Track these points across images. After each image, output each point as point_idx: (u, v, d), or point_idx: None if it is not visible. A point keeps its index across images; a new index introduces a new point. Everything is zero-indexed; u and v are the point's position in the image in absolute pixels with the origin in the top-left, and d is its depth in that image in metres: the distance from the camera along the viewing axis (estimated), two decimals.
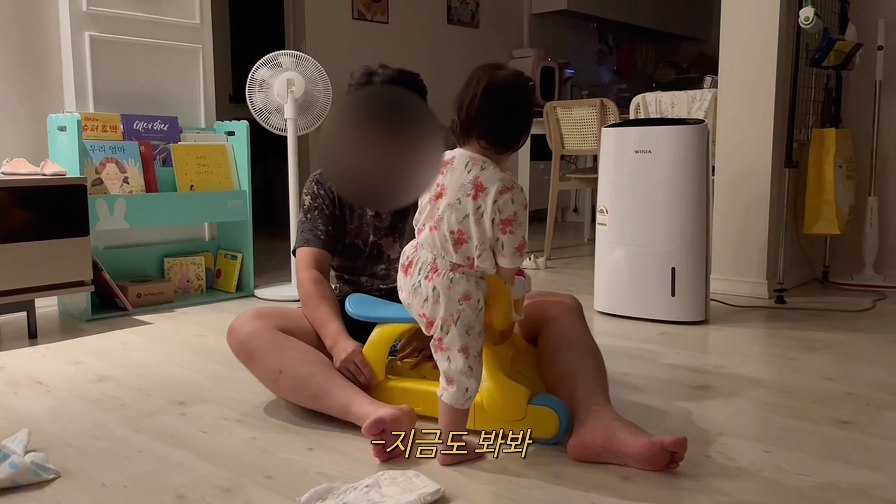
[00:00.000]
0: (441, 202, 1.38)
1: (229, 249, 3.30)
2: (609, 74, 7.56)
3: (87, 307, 2.75)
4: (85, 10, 2.93)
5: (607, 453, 1.41)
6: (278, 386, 1.69)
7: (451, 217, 1.36)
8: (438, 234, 1.38)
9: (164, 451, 1.53)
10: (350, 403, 1.57)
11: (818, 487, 1.34)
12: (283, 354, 1.65)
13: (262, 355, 1.67)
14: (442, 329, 1.38)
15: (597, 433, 1.42)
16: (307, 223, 1.89)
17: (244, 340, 1.69)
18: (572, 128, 4.06)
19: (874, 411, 1.74)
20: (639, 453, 1.37)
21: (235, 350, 1.72)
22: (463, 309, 1.36)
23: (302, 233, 1.89)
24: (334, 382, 1.61)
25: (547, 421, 1.51)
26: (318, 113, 3.26)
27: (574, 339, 1.64)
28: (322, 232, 1.87)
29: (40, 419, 1.73)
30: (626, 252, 2.68)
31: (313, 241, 1.86)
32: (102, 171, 2.83)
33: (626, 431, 1.41)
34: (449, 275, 1.37)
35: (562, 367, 1.59)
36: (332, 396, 1.60)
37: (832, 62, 3.11)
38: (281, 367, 1.65)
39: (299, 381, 1.63)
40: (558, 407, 1.52)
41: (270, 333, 1.68)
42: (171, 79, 3.22)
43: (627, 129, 2.69)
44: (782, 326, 2.61)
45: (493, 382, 1.53)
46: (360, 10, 5.28)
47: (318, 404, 1.63)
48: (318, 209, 1.89)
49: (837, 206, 3.12)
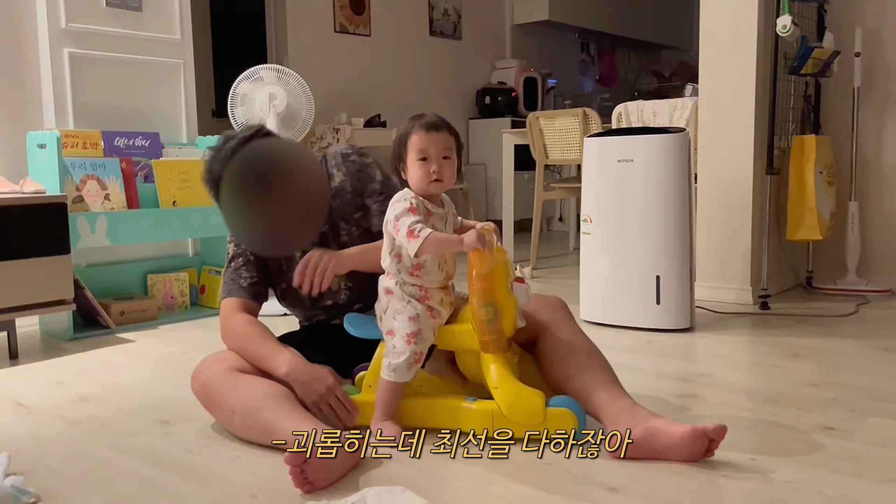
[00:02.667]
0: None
1: (213, 265, 3.28)
2: (591, 84, 7.61)
3: (69, 326, 2.72)
4: (64, 27, 2.91)
5: (648, 448, 1.46)
6: (234, 427, 1.62)
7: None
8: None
9: (147, 473, 1.51)
10: (301, 431, 1.45)
11: (805, 495, 1.34)
12: (235, 394, 1.61)
13: (217, 398, 1.64)
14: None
15: (637, 430, 1.47)
16: (229, 273, 1.83)
17: (202, 385, 1.68)
18: (555, 138, 4.07)
19: (859, 418, 1.75)
20: (682, 441, 1.43)
21: (197, 395, 1.70)
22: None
23: (225, 283, 1.83)
24: (281, 414, 1.53)
25: (566, 421, 1.54)
26: (300, 127, 3.26)
27: (575, 342, 1.67)
28: (246, 279, 1.81)
29: (20, 442, 1.70)
30: (610, 261, 2.69)
31: (235, 291, 1.80)
32: (83, 188, 2.81)
33: (665, 423, 1.47)
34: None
35: (573, 372, 1.62)
36: (279, 428, 1.51)
37: (810, 70, 3.14)
38: (234, 408, 1.60)
39: (249, 418, 1.57)
40: (574, 407, 1.56)
41: (226, 375, 1.64)
42: (153, 94, 3.20)
43: (609, 139, 2.70)
44: (767, 333, 2.62)
45: (511, 389, 1.55)
46: (343, 22, 5.29)
47: (272, 438, 1.53)
48: (241, 256, 1.83)
49: (819, 213, 3.15)
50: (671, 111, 3.48)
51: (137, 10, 3.11)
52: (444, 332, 1.63)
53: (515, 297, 1.56)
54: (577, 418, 1.55)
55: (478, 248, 1.48)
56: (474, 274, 1.54)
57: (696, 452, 1.43)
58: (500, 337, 1.57)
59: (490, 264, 1.52)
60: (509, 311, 1.55)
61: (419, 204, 1.56)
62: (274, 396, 1.58)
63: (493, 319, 1.55)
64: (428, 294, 1.59)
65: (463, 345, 1.63)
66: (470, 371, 1.66)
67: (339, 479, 1.40)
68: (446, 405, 1.64)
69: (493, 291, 1.54)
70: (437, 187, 1.58)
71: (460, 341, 1.63)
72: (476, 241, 1.48)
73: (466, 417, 1.60)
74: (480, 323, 1.56)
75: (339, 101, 5.14)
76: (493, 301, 1.54)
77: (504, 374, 1.56)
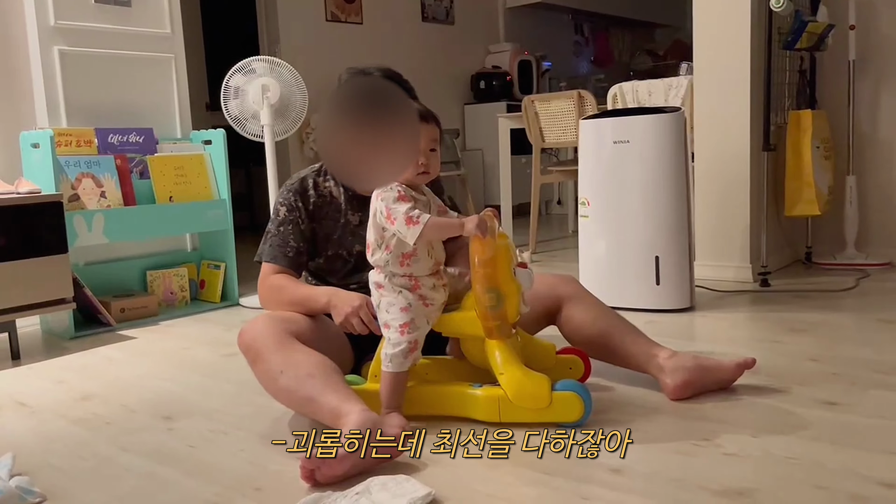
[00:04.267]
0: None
1: (212, 259, 3.28)
2: (586, 65, 7.57)
3: (69, 325, 2.72)
4: (53, 25, 2.89)
5: (702, 384, 1.72)
6: (277, 386, 1.62)
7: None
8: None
9: (151, 468, 1.51)
10: (340, 408, 1.50)
11: (806, 469, 1.34)
12: (286, 356, 1.61)
13: (267, 354, 1.62)
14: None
15: (691, 371, 1.71)
16: (277, 237, 1.84)
17: (254, 339, 1.65)
18: (551, 121, 4.05)
19: (860, 391, 1.75)
20: (733, 373, 1.75)
21: (243, 349, 1.68)
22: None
23: (270, 247, 1.84)
24: (331, 387, 1.54)
25: (572, 405, 1.55)
26: (294, 118, 3.25)
27: (602, 306, 1.88)
28: (292, 249, 1.83)
29: (24, 441, 1.71)
30: (609, 243, 2.68)
31: (281, 259, 1.82)
32: (79, 186, 2.80)
33: (712, 361, 1.77)
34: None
35: (610, 329, 1.82)
36: (324, 399, 1.53)
37: (805, 44, 3.12)
38: (282, 368, 1.59)
39: (297, 381, 1.57)
40: (580, 390, 1.56)
41: (279, 335, 1.64)
42: (145, 90, 3.18)
43: (605, 121, 2.69)
44: (767, 309, 2.63)
45: (516, 374, 1.55)
46: (334, 11, 5.26)
47: (310, 408, 1.57)
48: (292, 223, 1.84)
49: (817, 187, 3.14)
50: (666, 90, 3.46)
51: (126, 6, 3.09)
52: (447, 320, 1.63)
53: (519, 282, 1.55)
54: (584, 401, 1.55)
55: (478, 233, 1.49)
56: (476, 260, 1.53)
57: (734, 379, 1.77)
58: (504, 323, 1.57)
59: (491, 250, 1.52)
60: (512, 297, 1.55)
61: (406, 191, 1.55)
62: (326, 367, 1.58)
63: (497, 305, 1.54)
64: (418, 283, 1.58)
65: (466, 331, 1.63)
66: (475, 357, 1.66)
67: (348, 476, 1.39)
68: (453, 392, 1.64)
69: (496, 277, 1.53)
70: (423, 178, 1.59)
71: (464, 328, 1.63)
72: (476, 227, 1.49)
73: (473, 404, 1.60)
74: (484, 309, 1.55)
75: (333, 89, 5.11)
76: (495, 287, 1.53)
77: (509, 360, 1.56)
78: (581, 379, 1.78)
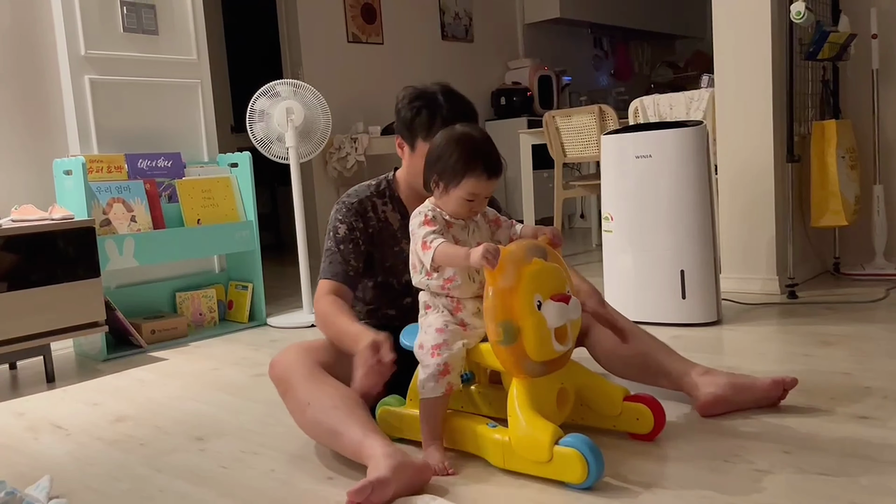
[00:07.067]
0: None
1: (239, 280, 3.32)
2: (606, 78, 7.57)
3: (102, 347, 2.77)
4: (83, 55, 2.97)
5: (735, 401, 1.71)
6: (304, 419, 1.62)
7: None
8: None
9: (185, 489, 1.54)
10: (363, 443, 1.47)
11: (840, 486, 1.33)
12: (315, 387, 1.61)
13: (296, 385, 1.63)
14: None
15: (723, 388, 1.71)
16: (338, 255, 1.82)
17: (284, 370, 1.67)
18: (573, 136, 4.07)
19: (893, 405, 1.73)
20: (767, 390, 1.72)
21: (275, 381, 1.70)
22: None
23: (331, 264, 1.82)
24: (354, 420, 1.52)
25: (573, 464, 1.36)
26: (318, 139, 3.29)
27: (631, 324, 1.83)
28: (353, 269, 1.81)
29: (61, 463, 1.75)
30: (633, 257, 2.68)
31: (341, 276, 1.80)
32: (110, 211, 2.86)
33: (745, 379, 1.76)
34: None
35: (644, 349, 1.80)
36: (348, 433, 1.51)
37: (827, 54, 3.11)
38: (310, 399, 1.60)
39: (322, 413, 1.57)
40: (587, 449, 1.35)
41: (309, 367, 1.65)
42: (172, 115, 3.25)
43: (626, 136, 2.69)
44: (796, 322, 2.60)
45: (520, 419, 1.42)
46: (355, 32, 5.33)
47: (335, 441, 1.55)
48: (353, 242, 1.82)
49: (843, 197, 3.11)
50: (688, 103, 3.46)
51: (154, 34, 3.17)
52: (476, 349, 1.54)
53: (540, 317, 1.40)
54: (588, 464, 1.35)
55: (484, 264, 1.39)
56: (488, 290, 1.42)
57: (773, 398, 1.73)
58: (522, 359, 1.42)
59: (510, 280, 1.40)
60: (532, 332, 1.39)
61: (436, 215, 1.55)
62: (351, 401, 1.57)
63: (506, 340, 1.41)
64: (460, 305, 1.55)
65: (489, 363, 1.53)
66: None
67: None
68: (468, 428, 1.55)
69: (511, 309, 1.40)
70: (469, 217, 1.59)
71: (488, 359, 1.52)
72: (482, 257, 1.39)
73: (483, 445, 1.51)
74: (493, 343, 1.45)
75: (356, 110, 5.17)
76: (508, 319, 1.40)
77: (522, 402, 1.42)
78: (649, 435, 1.58)
